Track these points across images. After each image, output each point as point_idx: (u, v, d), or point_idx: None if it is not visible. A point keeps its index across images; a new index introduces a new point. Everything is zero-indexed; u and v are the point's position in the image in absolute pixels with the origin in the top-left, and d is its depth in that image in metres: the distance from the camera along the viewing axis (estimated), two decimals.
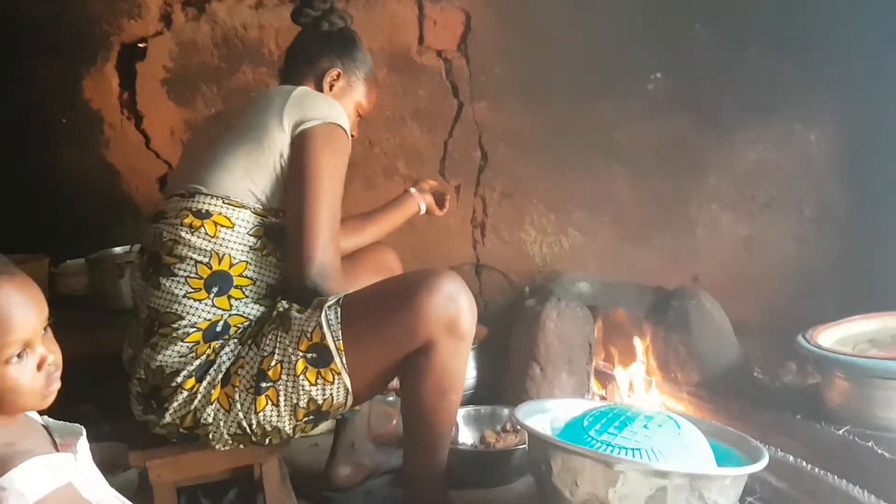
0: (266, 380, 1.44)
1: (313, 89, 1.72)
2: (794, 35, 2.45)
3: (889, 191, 2.44)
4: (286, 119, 1.55)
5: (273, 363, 1.44)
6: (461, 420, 2.09)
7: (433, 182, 2.11)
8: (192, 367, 1.46)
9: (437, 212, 2.10)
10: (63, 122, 2.88)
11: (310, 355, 1.43)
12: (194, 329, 1.47)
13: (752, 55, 2.51)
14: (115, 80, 2.82)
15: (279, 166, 1.54)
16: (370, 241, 1.95)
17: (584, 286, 2.53)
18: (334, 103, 1.63)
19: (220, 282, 1.49)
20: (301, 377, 1.43)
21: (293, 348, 1.44)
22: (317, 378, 1.44)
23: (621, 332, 2.43)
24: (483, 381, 2.43)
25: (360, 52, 1.83)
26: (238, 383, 1.45)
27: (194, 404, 1.45)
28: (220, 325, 1.48)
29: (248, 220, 1.52)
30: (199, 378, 1.46)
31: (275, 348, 1.45)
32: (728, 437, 1.61)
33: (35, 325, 1.01)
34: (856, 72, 2.46)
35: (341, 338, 1.43)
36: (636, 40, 2.55)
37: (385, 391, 1.82)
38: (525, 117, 2.67)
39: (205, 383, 1.45)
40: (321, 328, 1.43)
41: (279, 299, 1.55)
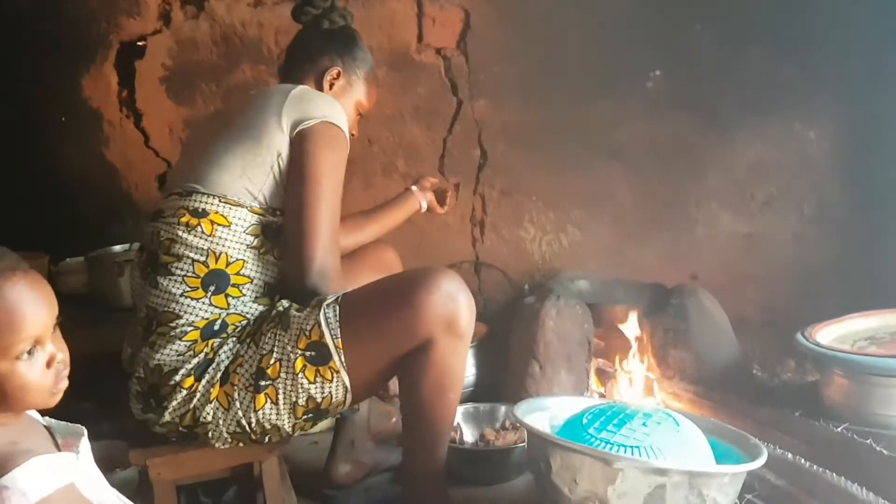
0: (265, 378, 1.44)
1: (313, 88, 1.71)
2: (794, 34, 2.45)
3: (888, 190, 2.44)
4: (285, 118, 1.54)
5: (272, 361, 1.44)
6: (460, 418, 2.09)
7: (435, 180, 2.09)
8: (190, 366, 1.46)
9: (439, 210, 2.08)
10: (62, 121, 2.88)
11: (308, 353, 1.43)
12: (192, 328, 1.47)
13: (752, 54, 2.51)
14: (114, 79, 2.82)
15: (277, 166, 1.54)
16: (370, 239, 1.95)
17: (584, 284, 2.54)
18: (333, 102, 1.63)
19: (217, 280, 1.49)
20: (300, 375, 1.43)
21: (292, 346, 1.44)
22: (315, 376, 1.44)
23: (620, 329, 2.43)
24: (482, 379, 2.43)
25: (361, 51, 1.82)
26: (237, 382, 1.45)
27: (193, 403, 1.45)
28: (217, 324, 1.49)
29: (246, 219, 1.52)
30: (198, 377, 1.46)
31: (273, 346, 1.45)
32: (727, 434, 1.61)
33: (46, 323, 1.01)
34: (855, 71, 2.46)
35: (340, 336, 1.43)
36: (636, 39, 2.55)
37: (385, 398, 1.81)
38: (524, 115, 2.67)
39: (204, 382, 1.45)
40: (320, 326, 1.43)
41: (278, 298, 1.55)
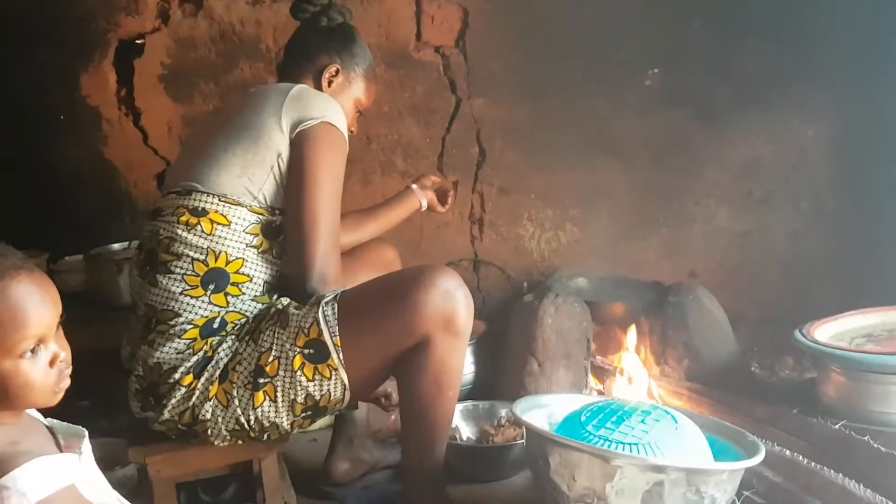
0: (264, 376, 1.44)
1: (312, 85, 1.71)
2: (791, 30, 2.46)
3: (886, 186, 2.44)
4: (284, 119, 1.54)
5: (270, 359, 1.44)
6: (459, 415, 2.09)
7: (436, 178, 2.06)
8: (189, 364, 1.46)
9: (440, 208, 2.06)
10: (61, 119, 2.87)
11: (307, 351, 1.44)
12: (191, 326, 1.47)
13: (749, 51, 2.51)
14: (112, 77, 2.82)
15: (277, 166, 1.54)
16: (370, 238, 1.94)
17: (582, 281, 2.55)
18: (332, 101, 1.63)
19: (216, 279, 1.49)
20: (298, 373, 1.44)
21: (290, 344, 1.44)
22: (314, 374, 1.44)
23: (619, 327, 2.43)
24: (481, 377, 2.43)
25: (360, 48, 1.81)
26: (236, 379, 1.45)
27: (192, 401, 1.46)
28: (216, 322, 1.49)
29: (245, 218, 1.52)
30: (197, 374, 1.46)
31: (272, 344, 1.45)
32: (725, 431, 1.61)
33: (50, 322, 1.02)
34: (852, 68, 2.47)
35: (338, 334, 1.43)
36: (633, 36, 2.55)
37: (387, 408, 1.81)
38: (523, 113, 2.68)
39: (202, 380, 1.46)
40: (318, 324, 1.43)
41: (277, 296, 1.55)
